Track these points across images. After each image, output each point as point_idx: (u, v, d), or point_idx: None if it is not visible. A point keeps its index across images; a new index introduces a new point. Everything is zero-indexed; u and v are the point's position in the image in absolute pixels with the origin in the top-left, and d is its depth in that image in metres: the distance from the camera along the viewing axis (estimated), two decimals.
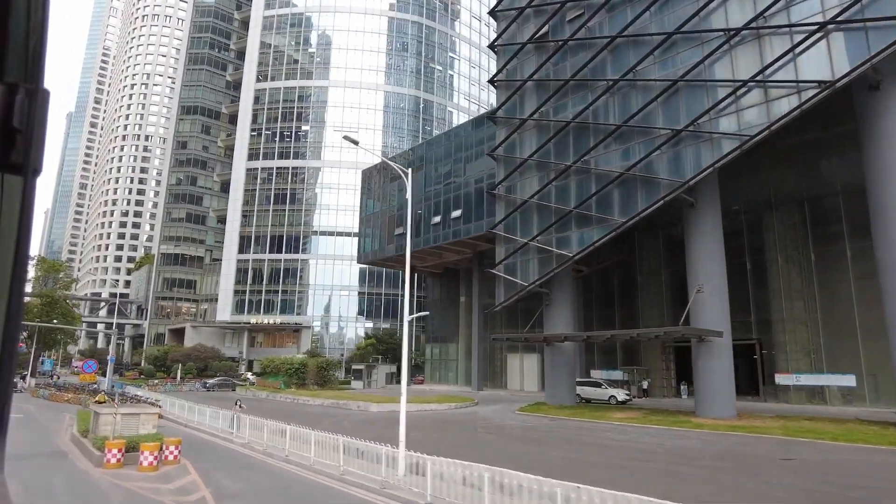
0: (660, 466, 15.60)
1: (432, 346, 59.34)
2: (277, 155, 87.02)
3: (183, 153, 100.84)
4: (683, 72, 26.59)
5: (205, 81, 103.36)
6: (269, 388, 43.21)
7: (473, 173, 43.98)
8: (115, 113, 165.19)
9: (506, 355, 50.39)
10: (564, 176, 30.97)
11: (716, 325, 26.27)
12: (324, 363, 45.49)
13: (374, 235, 54.54)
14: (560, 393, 32.23)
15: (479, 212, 42.92)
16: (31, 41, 0.83)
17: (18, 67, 0.82)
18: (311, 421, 22.70)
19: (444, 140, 48.28)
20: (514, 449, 18.73)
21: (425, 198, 48.42)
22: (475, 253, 48.27)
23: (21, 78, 0.82)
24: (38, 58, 0.84)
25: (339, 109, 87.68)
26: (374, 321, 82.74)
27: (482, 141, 44.18)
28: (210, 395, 44.15)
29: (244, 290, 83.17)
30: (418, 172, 50.16)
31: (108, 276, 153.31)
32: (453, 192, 45.64)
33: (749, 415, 26.07)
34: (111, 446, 15.34)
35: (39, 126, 0.84)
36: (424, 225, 48.10)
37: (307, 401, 36.36)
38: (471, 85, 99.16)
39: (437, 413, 29.73)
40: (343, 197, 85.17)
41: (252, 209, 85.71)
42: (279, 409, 30.34)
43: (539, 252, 31.71)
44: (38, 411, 31.73)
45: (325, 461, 15.20)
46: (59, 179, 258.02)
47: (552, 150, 32.05)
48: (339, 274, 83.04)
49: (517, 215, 33.42)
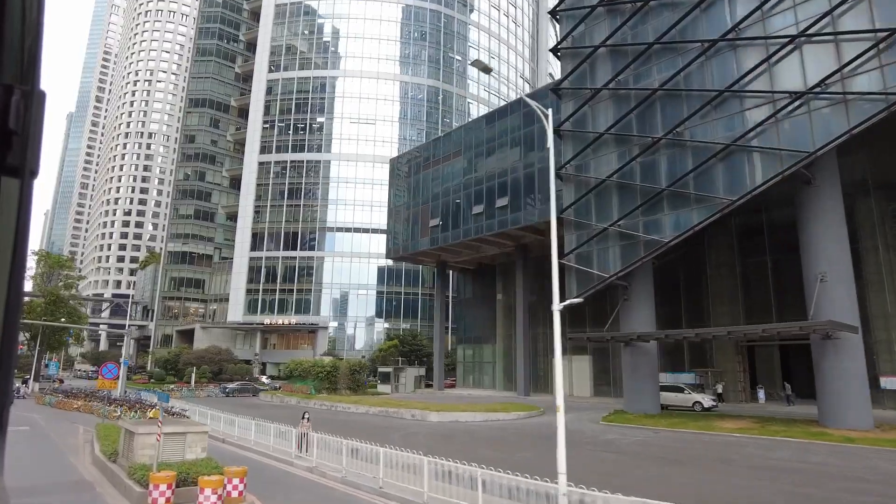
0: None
1: (464, 347, 55.30)
2: (291, 148, 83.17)
3: (191, 147, 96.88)
4: (805, 26, 22.70)
5: (213, 73, 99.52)
6: (299, 394, 39.19)
7: (522, 158, 40.08)
8: (117, 110, 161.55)
9: (550, 358, 46.33)
10: (651, 151, 27.04)
11: (843, 318, 22.36)
12: (356, 366, 41.52)
13: (405, 228, 50.57)
14: (643, 399, 28.26)
15: (527, 200, 39.01)
16: (26, 42, 0.82)
17: (14, 69, 0.81)
18: (374, 434, 18.74)
19: (485, 124, 44.33)
20: (659, 473, 14.77)
21: (464, 186, 44.51)
22: (518, 245, 44.33)
23: (17, 79, 0.81)
24: (33, 59, 0.83)
25: (354, 100, 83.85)
26: (392, 321, 78.74)
27: (531, 122, 40.30)
28: (231, 401, 40.13)
29: (257, 290, 79.21)
30: (455, 159, 46.27)
31: (111, 276, 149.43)
32: (497, 180, 41.71)
33: (888, 425, 22.13)
34: (158, 481, 11.36)
35: (36, 127, 0.83)
36: (464, 215, 44.17)
37: (348, 408, 32.31)
38: (490, 76, 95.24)
39: (511, 424, 25.74)
40: (360, 192, 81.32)
41: (265, 204, 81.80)
42: (322, 420, 26.38)
43: (622, 238, 27.76)
44: (46, 422, 27.70)
45: (447, 498, 11.25)
46: (59, 180, 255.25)
47: (634, 122, 28.14)
48: (356, 272, 79.11)
49: (590, 198, 29.46)
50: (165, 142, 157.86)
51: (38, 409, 34.26)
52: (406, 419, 27.87)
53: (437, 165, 47.52)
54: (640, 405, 28.19)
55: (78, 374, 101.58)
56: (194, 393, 44.31)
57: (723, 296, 37.14)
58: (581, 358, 44.51)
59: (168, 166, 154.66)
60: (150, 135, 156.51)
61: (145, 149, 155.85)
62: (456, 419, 26.31)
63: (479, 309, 54.00)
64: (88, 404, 32.97)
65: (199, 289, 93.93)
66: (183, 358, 58.70)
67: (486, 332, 52.64)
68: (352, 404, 32.46)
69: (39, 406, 36.44)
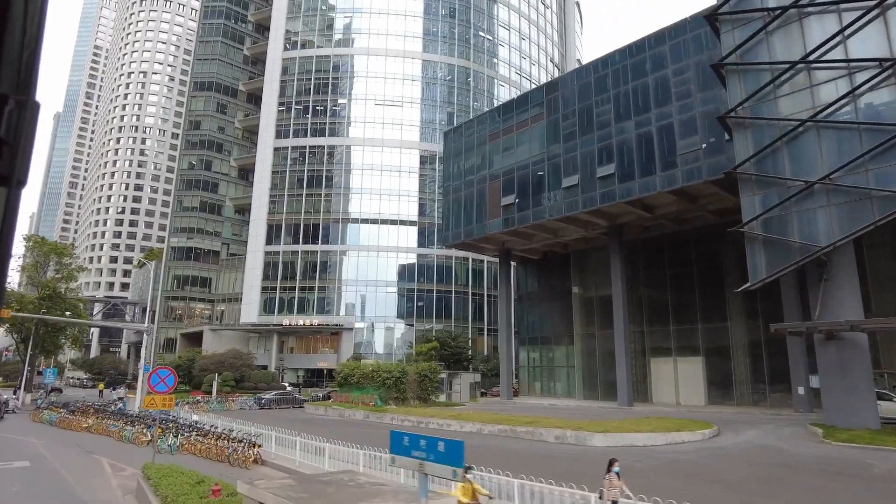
0: None
1: (528, 349, 47.85)
2: (310, 132, 75.56)
3: (196, 134, 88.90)
4: None
5: (220, 55, 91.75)
6: (360, 405, 31.55)
7: (634, 115, 32.99)
8: (110, 103, 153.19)
9: (649, 360, 39.17)
10: (882, 77, 19.98)
11: None
12: (426, 370, 33.99)
13: (465, 210, 43.18)
14: (856, 409, 21.05)
15: (647, 165, 31.88)
16: (25, 54, 0.83)
17: (11, 79, 0.82)
18: (539, 468, 11.38)
19: (576, 80, 37.11)
20: None
21: (550, 156, 37.28)
22: (613, 226, 37.16)
23: (13, 89, 0.82)
24: (30, 70, 0.84)
25: (379, 80, 76.51)
26: (423, 322, 71.18)
27: (642, 72, 33.28)
28: (275, 416, 32.39)
29: (273, 287, 71.33)
30: (535, 124, 39.08)
31: (103, 278, 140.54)
32: (599, 144, 34.53)
33: None
34: None
35: (27, 138, 0.83)
36: (549, 190, 36.92)
37: (447, 425, 24.73)
38: (521, 58, 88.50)
39: (712, 449, 18.34)
40: (386, 180, 73.90)
41: (281, 193, 74.09)
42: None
43: (836, 197, 20.66)
44: (51, 452, 19.92)
45: None
46: (46, 182, 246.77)
47: (846, 45, 21.13)
48: (383, 268, 71.57)
49: (781, 147, 22.29)
50: (161, 136, 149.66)
51: (37, 430, 26.33)
52: (550, 442, 20.44)
53: (510, 134, 40.28)
54: (854, 417, 20.98)
55: (72, 383, 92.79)
56: (224, 405, 36.49)
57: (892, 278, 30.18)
58: (689, 360, 37.34)
59: (164, 162, 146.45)
60: (145, 129, 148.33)
61: (140, 143, 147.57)
62: (631, 442, 18.96)
63: (546, 305, 46.71)
64: (102, 423, 25.15)
65: (205, 288, 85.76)
66: (199, 364, 50.71)
67: (558, 332, 45.34)
68: (449, 420, 24.86)
69: (37, 425, 28.46)
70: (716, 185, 30.31)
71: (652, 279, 39.84)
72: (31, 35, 0.80)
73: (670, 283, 38.85)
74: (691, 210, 35.21)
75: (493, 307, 76.74)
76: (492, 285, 76.78)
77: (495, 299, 77.35)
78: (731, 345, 35.71)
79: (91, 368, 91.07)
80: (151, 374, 12.84)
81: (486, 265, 76.59)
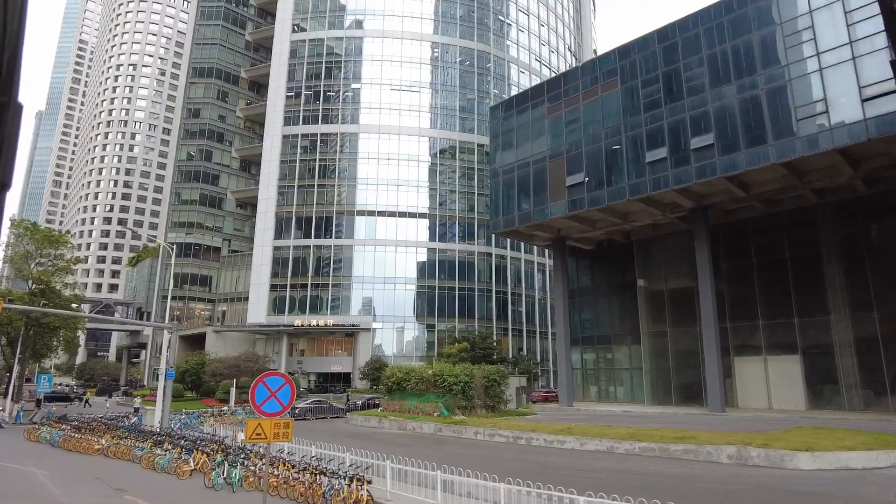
0: None
1: (581, 350, 43.07)
2: (322, 119, 70.39)
3: (195, 123, 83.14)
4: None
5: (220, 39, 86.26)
6: (423, 416, 26.56)
7: (739, 77, 28.49)
8: (97, 98, 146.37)
9: (733, 360, 34.61)
10: None
11: None
12: (494, 374, 29.04)
13: (519, 193, 38.39)
14: None
15: (756, 134, 27.38)
16: (5, 54, 0.79)
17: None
18: None
19: (661, 39, 32.52)
20: None
21: (628, 127, 32.67)
22: (698, 208, 32.66)
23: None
24: (12, 71, 0.81)
25: (395, 65, 71.63)
26: (445, 322, 66.26)
27: (746, 28, 28.87)
28: (317, 429, 27.24)
29: (283, 285, 65.97)
30: (607, 92, 34.45)
31: (90, 279, 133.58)
32: (690, 111, 29.99)
33: None
34: None
35: (10, 141, 0.81)
36: (628, 166, 32.29)
37: (560, 442, 19.81)
38: (540, 45, 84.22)
39: None
40: (404, 170, 68.94)
41: (291, 184, 68.83)
42: (563, 476, 14.21)
43: None
44: (66, 492, 14.65)
45: None
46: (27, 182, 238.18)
47: None
48: (401, 264, 66.57)
49: None
50: (151, 131, 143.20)
51: (36, 453, 20.87)
52: (723, 463, 15.68)
53: (575, 105, 35.59)
54: None
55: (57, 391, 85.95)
56: (248, 415, 31.14)
57: None
58: (784, 359, 32.86)
59: (155, 159, 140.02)
60: (135, 124, 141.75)
61: (129, 139, 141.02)
62: (845, 464, 14.28)
63: (603, 300, 42.10)
64: (121, 444, 19.82)
65: (205, 287, 79.95)
66: (210, 368, 45.18)
67: (618, 330, 40.71)
68: (561, 436, 19.93)
69: (34, 445, 22.93)
70: (842, 154, 25.96)
71: (735, 269, 35.40)
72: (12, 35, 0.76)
73: (757, 272, 34.43)
74: (793, 188, 30.84)
75: (518, 305, 72.10)
76: (516, 282, 72.20)
77: (520, 297, 72.68)
78: (836, 341, 31.33)
79: (81, 374, 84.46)
80: (256, 385, 7.81)
81: (510, 260, 71.98)
